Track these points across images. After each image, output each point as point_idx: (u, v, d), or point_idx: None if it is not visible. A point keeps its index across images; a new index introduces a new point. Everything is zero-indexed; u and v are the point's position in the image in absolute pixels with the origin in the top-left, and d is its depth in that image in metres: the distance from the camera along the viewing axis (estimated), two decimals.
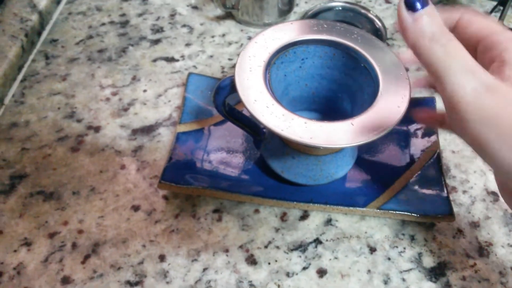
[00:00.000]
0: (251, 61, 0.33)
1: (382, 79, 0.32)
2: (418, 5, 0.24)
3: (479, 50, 0.27)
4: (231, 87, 0.33)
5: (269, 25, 0.55)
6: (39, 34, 0.53)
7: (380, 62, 0.33)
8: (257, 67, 0.33)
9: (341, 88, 0.36)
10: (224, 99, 0.34)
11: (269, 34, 0.35)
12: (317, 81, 0.37)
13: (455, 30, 0.29)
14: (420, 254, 0.36)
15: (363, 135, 0.29)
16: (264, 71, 0.32)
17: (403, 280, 0.35)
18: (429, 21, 0.23)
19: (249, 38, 0.54)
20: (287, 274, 0.35)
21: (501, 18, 0.54)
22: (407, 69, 0.33)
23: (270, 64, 0.33)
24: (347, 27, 0.36)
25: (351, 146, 0.30)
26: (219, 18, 0.57)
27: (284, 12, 0.55)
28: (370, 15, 0.55)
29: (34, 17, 0.52)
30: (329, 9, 0.56)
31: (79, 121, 0.45)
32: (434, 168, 0.39)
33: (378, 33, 0.53)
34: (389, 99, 0.31)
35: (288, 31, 0.35)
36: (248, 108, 0.30)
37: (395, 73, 0.33)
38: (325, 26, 0.36)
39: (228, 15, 0.57)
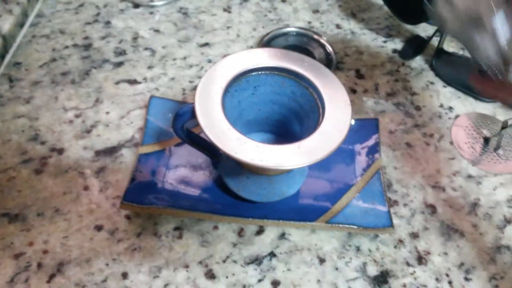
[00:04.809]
0: (209, 88, 0.36)
1: (328, 105, 0.36)
2: None
3: None
4: (190, 113, 0.35)
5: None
6: (2, 57, 0.54)
7: (326, 89, 0.37)
8: (216, 94, 0.35)
9: (290, 113, 0.40)
10: (182, 125, 0.37)
11: (227, 63, 0.38)
12: (269, 106, 0.40)
13: None
14: (364, 264, 0.40)
15: (309, 157, 0.33)
16: (221, 98, 0.35)
17: None
18: None
19: (209, 61, 0.57)
20: (244, 287, 0.38)
21: (440, 42, 0.59)
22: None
23: (226, 92, 0.36)
24: (299, 56, 0.39)
25: (297, 167, 0.33)
26: (180, 42, 0.59)
27: None
28: (322, 40, 0.59)
29: None
30: (284, 34, 0.60)
31: (43, 143, 0.46)
32: (377, 184, 0.43)
33: (329, 57, 0.57)
34: (333, 123, 0.35)
35: (245, 60, 0.38)
36: (207, 133, 0.33)
37: (340, 100, 0.36)
38: (279, 54, 0.39)
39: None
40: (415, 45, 0.60)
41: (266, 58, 0.38)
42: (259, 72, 0.38)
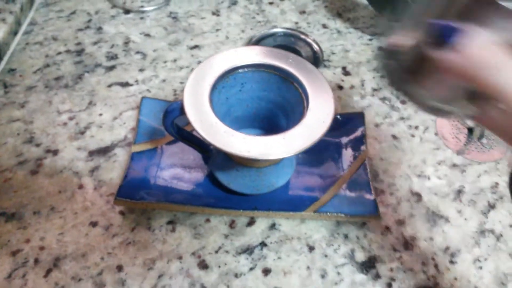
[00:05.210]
0: (198, 85, 0.37)
1: (311, 98, 0.37)
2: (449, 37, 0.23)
3: None
4: (179, 110, 0.37)
5: None
6: None
7: (311, 83, 0.38)
8: (204, 90, 0.37)
9: (277, 108, 0.41)
10: (172, 121, 0.38)
11: (215, 61, 0.39)
12: (256, 102, 0.42)
13: None
14: (352, 250, 0.41)
15: (293, 147, 0.34)
16: (209, 95, 0.36)
17: (338, 273, 0.39)
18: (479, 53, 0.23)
19: (199, 63, 0.58)
20: (236, 275, 0.39)
21: None
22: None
23: (214, 88, 0.37)
24: (284, 53, 0.40)
25: (282, 157, 0.34)
26: (171, 45, 0.61)
27: None
28: (308, 39, 0.60)
29: None
30: (272, 34, 0.62)
31: (37, 145, 0.47)
32: (363, 174, 0.44)
33: (316, 56, 0.58)
34: (316, 115, 0.36)
35: (232, 58, 0.39)
36: (196, 127, 0.34)
37: (323, 93, 0.38)
38: (265, 52, 0.41)
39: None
40: None
41: (252, 55, 0.40)
42: (246, 69, 0.40)
